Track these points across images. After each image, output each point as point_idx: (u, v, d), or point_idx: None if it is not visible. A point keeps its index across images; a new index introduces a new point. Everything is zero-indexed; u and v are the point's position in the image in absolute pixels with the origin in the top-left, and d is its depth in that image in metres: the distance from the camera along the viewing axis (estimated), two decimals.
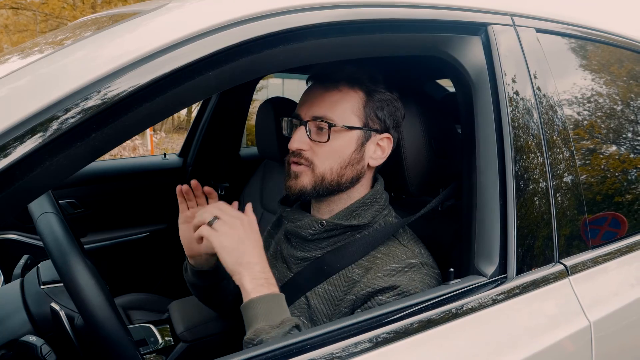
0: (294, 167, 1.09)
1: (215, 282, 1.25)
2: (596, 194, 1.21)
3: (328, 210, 1.14)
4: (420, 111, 1.24)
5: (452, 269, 0.97)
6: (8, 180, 0.61)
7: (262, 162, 2.30)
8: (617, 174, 1.31)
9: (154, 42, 0.71)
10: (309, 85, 1.15)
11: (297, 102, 1.97)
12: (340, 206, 1.13)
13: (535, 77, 1.11)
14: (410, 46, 1.03)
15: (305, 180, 1.08)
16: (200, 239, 1.01)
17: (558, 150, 1.10)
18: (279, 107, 1.96)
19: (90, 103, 0.65)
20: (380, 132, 1.12)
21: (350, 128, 1.07)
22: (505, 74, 1.06)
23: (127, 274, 2.42)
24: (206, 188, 1.13)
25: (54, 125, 0.63)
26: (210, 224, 1.00)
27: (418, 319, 0.85)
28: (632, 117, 1.42)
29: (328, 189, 1.09)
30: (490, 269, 0.97)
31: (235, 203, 1.08)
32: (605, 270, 1.12)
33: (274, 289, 0.97)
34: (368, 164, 1.12)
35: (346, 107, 1.08)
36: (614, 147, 1.34)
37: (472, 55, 1.06)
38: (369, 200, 1.12)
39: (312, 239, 1.12)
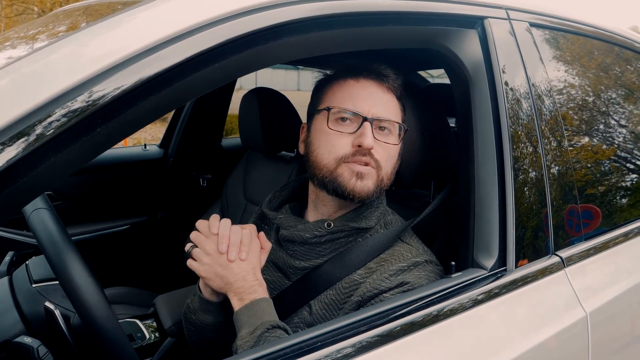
0: (361, 168, 1.01)
1: (230, 320, 1.04)
2: (588, 185, 1.24)
3: (333, 212, 1.10)
4: (414, 103, 1.24)
5: (453, 263, 0.97)
6: (12, 176, 0.58)
7: (245, 153, 2.27)
8: (608, 165, 1.34)
9: (159, 33, 0.69)
10: (356, 77, 1.07)
11: (277, 91, 1.97)
12: (348, 208, 1.10)
13: (530, 71, 1.12)
14: (410, 39, 1.02)
15: (370, 182, 1.02)
16: None
17: (553, 142, 1.12)
18: (263, 97, 1.94)
19: (95, 97, 0.63)
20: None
21: (405, 133, 1.09)
22: (501, 67, 1.06)
23: (107, 267, 2.37)
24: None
25: (59, 121, 0.60)
26: (189, 253, 0.99)
27: (423, 314, 0.85)
28: (621, 109, 1.45)
29: (380, 192, 1.07)
30: (490, 262, 0.98)
31: (216, 217, 1.01)
32: (598, 260, 1.14)
33: (257, 295, 0.95)
34: None
35: (397, 112, 1.09)
36: (606, 139, 1.37)
37: (469, 48, 1.06)
38: (375, 203, 1.11)
39: (315, 243, 1.07)
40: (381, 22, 0.93)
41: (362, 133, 1.00)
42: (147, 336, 1.54)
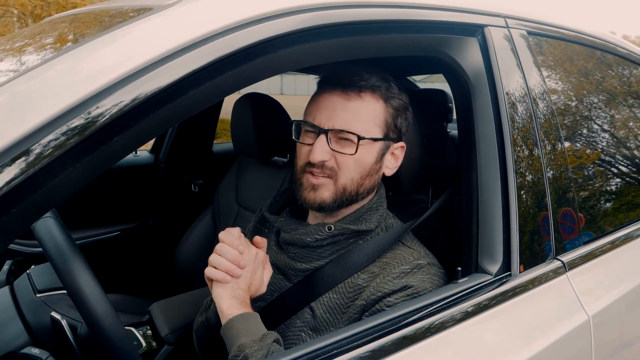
0: (312, 179, 1.05)
1: None
2: (585, 189, 1.26)
3: (332, 216, 1.11)
4: (413, 109, 1.25)
5: (459, 268, 0.98)
6: (32, 186, 0.57)
7: (237, 158, 2.26)
8: (606, 168, 1.37)
9: (175, 42, 0.69)
10: (323, 89, 1.08)
11: (269, 95, 1.97)
12: (346, 212, 1.10)
13: (529, 77, 1.14)
14: (413, 46, 1.03)
15: (325, 193, 1.04)
16: None
17: (553, 147, 1.14)
18: (257, 103, 1.93)
19: (114, 106, 0.62)
20: (396, 141, 1.11)
21: (375, 140, 1.05)
22: (502, 74, 1.08)
23: (97, 274, 2.33)
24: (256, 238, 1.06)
25: (78, 130, 0.60)
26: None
27: (433, 320, 0.86)
28: (612, 114, 1.48)
29: (347, 200, 1.07)
30: (495, 267, 0.99)
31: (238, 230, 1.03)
32: (598, 264, 1.17)
33: (249, 309, 0.97)
34: (383, 173, 1.12)
35: (369, 118, 1.05)
36: (601, 142, 1.40)
37: (470, 55, 1.08)
38: (375, 205, 1.12)
39: (316, 246, 1.08)
40: (386, 30, 0.94)
41: (313, 147, 1.03)
42: (144, 344, 1.53)
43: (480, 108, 1.07)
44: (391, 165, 1.12)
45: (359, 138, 1.02)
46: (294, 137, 1.10)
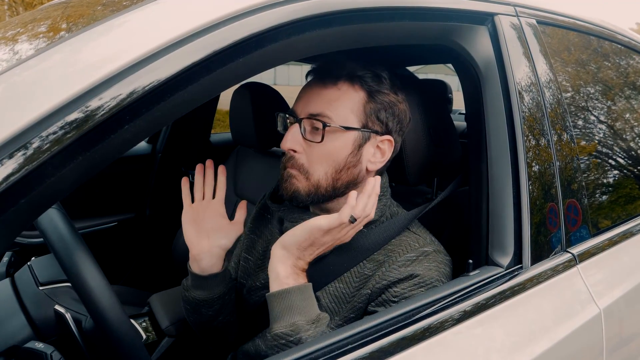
0: (286, 171, 1.03)
1: (221, 295, 1.13)
2: (594, 181, 1.25)
3: (334, 208, 1.08)
4: (420, 99, 1.23)
5: (470, 260, 0.96)
6: (40, 177, 0.55)
7: (235, 148, 2.24)
8: (616, 158, 1.36)
9: (184, 27, 0.66)
10: (308, 80, 1.07)
11: (270, 86, 1.94)
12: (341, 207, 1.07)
13: (540, 67, 1.13)
14: (424, 35, 1.01)
15: (298, 184, 1.02)
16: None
17: (562, 139, 1.13)
18: (256, 92, 1.91)
19: (124, 93, 0.60)
20: (380, 134, 1.04)
21: (347, 128, 1.00)
22: (512, 63, 1.06)
23: None
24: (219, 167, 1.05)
25: (87, 118, 0.57)
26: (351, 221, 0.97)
27: (446, 314, 0.85)
28: (620, 104, 1.47)
29: (324, 196, 1.03)
30: (506, 259, 0.97)
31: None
32: (608, 256, 1.16)
33: (305, 280, 0.98)
34: (367, 168, 1.05)
35: (344, 106, 1.00)
36: (611, 133, 1.39)
37: (480, 44, 1.06)
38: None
39: None
40: (398, 18, 0.92)
41: (285, 135, 1.01)
42: (144, 336, 1.51)
43: (490, 98, 1.05)
44: (375, 159, 1.06)
45: (324, 125, 0.98)
46: (279, 129, 1.09)
